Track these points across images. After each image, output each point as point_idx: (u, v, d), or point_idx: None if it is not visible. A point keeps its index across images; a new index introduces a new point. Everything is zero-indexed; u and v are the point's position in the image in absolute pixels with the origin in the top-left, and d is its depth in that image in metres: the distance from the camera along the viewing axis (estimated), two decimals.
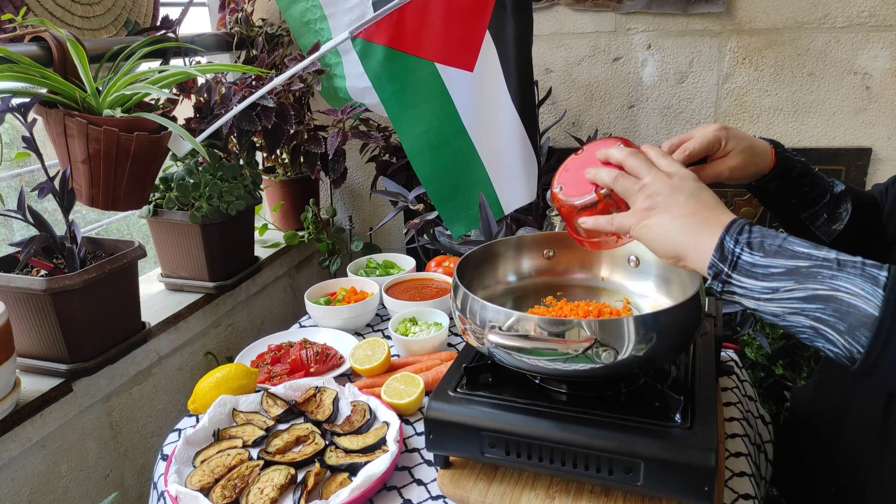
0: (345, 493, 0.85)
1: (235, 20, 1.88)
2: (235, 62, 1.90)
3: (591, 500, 0.84)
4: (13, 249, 1.22)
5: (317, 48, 1.74)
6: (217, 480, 0.91)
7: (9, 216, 1.17)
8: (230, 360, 1.40)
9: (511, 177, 1.62)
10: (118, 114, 1.23)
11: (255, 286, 1.86)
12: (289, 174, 2.06)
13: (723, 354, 1.23)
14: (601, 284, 1.11)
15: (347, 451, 0.97)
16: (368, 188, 2.26)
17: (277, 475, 0.91)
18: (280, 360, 1.25)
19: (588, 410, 0.83)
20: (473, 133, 1.58)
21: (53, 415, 1.23)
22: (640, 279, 1.06)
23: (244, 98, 1.55)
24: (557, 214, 1.41)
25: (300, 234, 2.00)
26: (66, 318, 1.21)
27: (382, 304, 1.49)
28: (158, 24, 1.59)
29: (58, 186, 1.18)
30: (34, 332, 1.23)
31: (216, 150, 1.64)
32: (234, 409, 1.07)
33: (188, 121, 1.61)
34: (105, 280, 1.25)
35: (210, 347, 1.70)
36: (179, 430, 1.11)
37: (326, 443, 0.99)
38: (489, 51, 1.53)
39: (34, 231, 1.21)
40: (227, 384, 1.11)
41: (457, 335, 1.37)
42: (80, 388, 1.28)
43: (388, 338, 1.36)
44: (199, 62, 1.73)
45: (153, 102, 1.40)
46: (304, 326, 1.45)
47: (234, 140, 1.67)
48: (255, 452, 0.99)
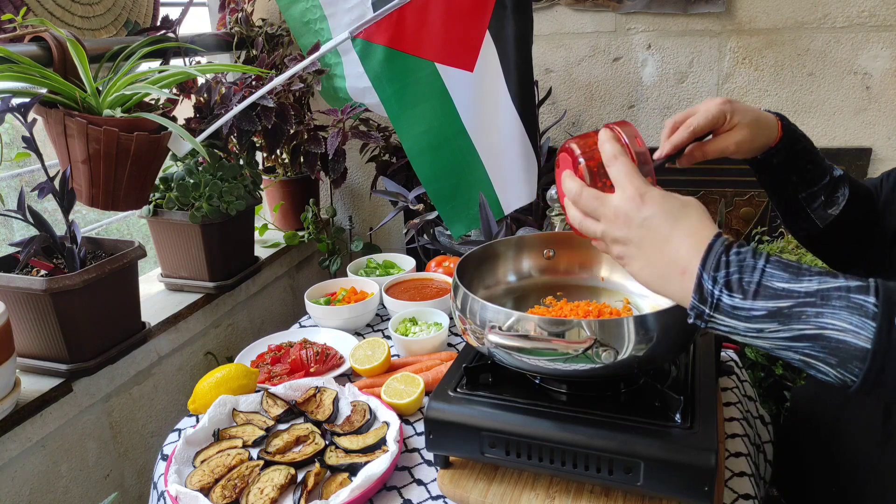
0: (345, 493, 0.86)
1: (235, 20, 1.88)
2: (235, 62, 1.90)
3: (591, 500, 0.84)
4: (13, 249, 1.22)
5: (317, 48, 1.74)
6: (217, 480, 0.92)
7: (9, 216, 1.17)
8: (230, 360, 1.40)
9: (511, 177, 1.62)
10: (118, 114, 1.23)
11: (255, 286, 1.86)
12: (289, 174, 2.06)
13: (723, 354, 1.23)
14: (601, 284, 1.11)
15: (347, 451, 0.97)
16: (368, 188, 2.26)
17: (277, 475, 0.91)
18: (280, 360, 1.25)
19: (588, 410, 0.83)
20: (473, 133, 1.58)
21: (53, 415, 1.23)
22: None
23: (244, 98, 1.55)
24: (557, 215, 1.42)
25: (300, 234, 2.00)
26: (66, 318, 1.21)
27: (382, 304, 1.49)
28: (158, 24, 1.59)
29: (58, 186, 1.18)
30: (34, 332, 1.23)
31: (216, 150, 1.64)
32: (234, 409, 1.07)
33: (188, 121, 1.61)
34: (105, 280, 1.25)
35: (210, 347, 1.70)
36: (179, 430, 1.11)
37: (326, 443, 0.99)
38: (489, 51, 1.53)
39: (34, 231, 1.21)
40: (227, 384, 1.11)
41: (457, 335, 1.36)
42: (80, 388, 1.28)
43: (388, 338, 1.36)
44: (199, 62, 1.73)
45: (153, 102, 1.40)
46: (304, 326, 1.45)
47: (234, 140, 1.67)
48: (255, 452, 0.99)
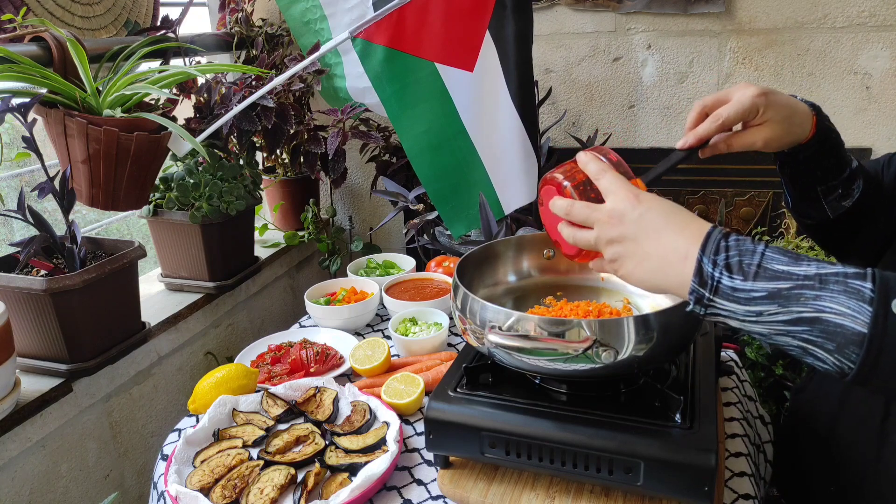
0: (345, 493, 0.86)
1: (235, 20, 1.88)
2: (235, 62, 1.90)
3: (591, 500, 0.84)
4: (13, 249, 1.22)
5: (317, 48, 1.74)
6: (217, 480, 0.91)
7: (9, 216, 1.17)
8: (230, 360, 1.40)
9: (511, 177, 1.62)
10: (118, 114, 1.23)
11: (255, 286, 1.86)
12: (289, 174, 2.06)
13: (723, 354, 1.22)
14: (601, 284, 1.11)
15: (347, 451, 0.97)
16: (368, 188, 2.26)
17: (277, 475, 0.91)
18: (280, 360, 1.25)
19: (588, 410, 0.83)
20: (473, 133, 1.58)
21: (53, 415, 1.23)
22: None
23: (244, 98, 1.55)
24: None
25: (300, 234, 2.00)
26: (66, 318, 1.21)
27: (382, 304, 1.49)
28: (158, 24, 1.59)
29: (58, 186, 1.18)
30: (34, 332, 1.23)
31: (216, 150, 1.64)
32: (234, 409, 1.07)
33: (188, 121, 1.61)
34: (105, 280, 1.25)
35: (210, 347, 1.70)
36: (179, 430, 1.11)
37: (326, 443, 0.99)
38: (489, 51, 1.53)
39: (34, 231, 1.21)
40: (227, 384, 1.11)
41: (457, 335, 1.36)
42: (80, 388, 1.28)
43: (388, 338, 1.36)
44: (199, 62, 1.73)
45: (153, 102, 1.40)
46: (304, 326, 1.45)
47: (234, 140, 1.67)
48: (255, 452, 0.99)
